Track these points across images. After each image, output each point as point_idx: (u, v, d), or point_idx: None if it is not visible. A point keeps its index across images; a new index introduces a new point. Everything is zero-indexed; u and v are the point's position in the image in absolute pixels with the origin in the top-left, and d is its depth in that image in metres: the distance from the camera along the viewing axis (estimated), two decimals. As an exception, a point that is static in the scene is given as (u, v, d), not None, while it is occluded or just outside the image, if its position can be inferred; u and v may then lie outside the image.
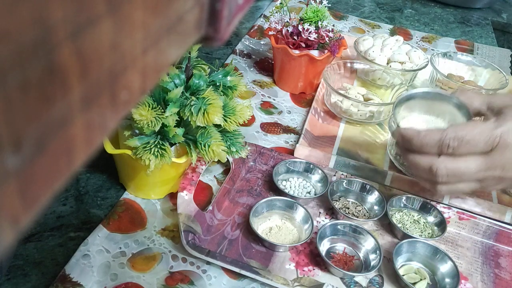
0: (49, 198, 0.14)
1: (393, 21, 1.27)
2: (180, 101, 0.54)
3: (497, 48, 1.19)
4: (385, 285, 0.58)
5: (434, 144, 0.54)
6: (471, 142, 0.53)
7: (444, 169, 0.54)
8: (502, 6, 1.45)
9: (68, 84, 0.13)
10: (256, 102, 0.87)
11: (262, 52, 1.02)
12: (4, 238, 0.12)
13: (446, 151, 0.54)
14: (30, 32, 0.11)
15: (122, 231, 0.59)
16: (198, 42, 0.21)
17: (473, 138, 0.53)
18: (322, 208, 0.67)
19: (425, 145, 0.55)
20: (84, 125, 0.14)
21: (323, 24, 0.83)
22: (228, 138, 0.60)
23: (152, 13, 0.16)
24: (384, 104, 0.82)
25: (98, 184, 0.66)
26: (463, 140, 0.53)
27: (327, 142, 0.79)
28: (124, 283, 0.53)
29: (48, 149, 0.13)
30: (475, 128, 0.54)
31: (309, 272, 0.58)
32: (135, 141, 0.54)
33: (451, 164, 0.54)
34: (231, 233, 0.61)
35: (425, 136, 0.55)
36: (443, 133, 0.54)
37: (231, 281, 0.56)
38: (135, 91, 0.17)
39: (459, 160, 0.54)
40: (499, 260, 0.64)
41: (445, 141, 0.54)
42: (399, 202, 0.67)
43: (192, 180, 0.63)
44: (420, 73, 0.97)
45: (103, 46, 0.14)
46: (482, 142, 0.53)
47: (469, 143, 0.53)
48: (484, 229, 0.66)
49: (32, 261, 0.54)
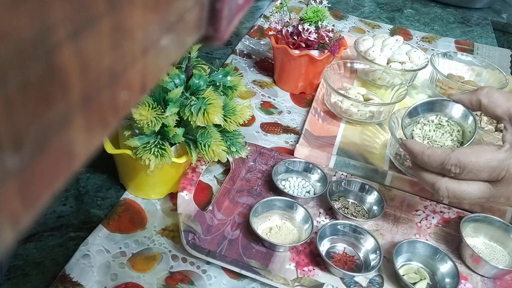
0: (49, 198, 0.14)
1: (393, 21, 1.27)
2: (180, 101, 0.54)
3: (497, 48, 1.19)
4: (385, 285, 0.58)
5: (437, 166, 0.53)
6: (474, 171, 0.51)
7: (446, 190, 0.53)
8: (502, 6, 1.45)
9: (68, 84, 0.13)
10: (256, 102, 0.87)
11: (262, 52, 1.02)
12: (4, 238, 0.12)
13: (448, 174, 0.53)
14: (30, 32, 0.11)
15: (122, 231, 0.59)
16: (198, 42, 0.21)
17: (476, 168, 0.51)
18: (322, 208, 0.67)
19: (428, 165, 0.54)
20: (84, 125, 0.14)
21: (323, 24, 0.83)
22: (228, 138, 0.60)
23: (152, 13, 0.16)
24: (384, 104, 0.82)
25: (98, 184, 0.66)
26: (466, 169, 0.51)
27: (327, 142, 0.79)
28: (124, 283, 0.53)
29: (48, 149, 0.13)
30: (480, 158, 0.51)
31: (309, 272, 0.58)
32: (135, 141, 0.54)
33: (453, 186, 0.53)
34: (231, 233, 0.61)
35: (429, 156, 0.53)
36: (446, 157, 0.52)
37: (231, 281, 0.56)
38: (135, 91, 0.17)
39: (462, 184, 0.53)
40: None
41: (446, 166, 0.52)
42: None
43: (192, 180, 0.63)
44: (420, 73, 0.97)
45: (103, 46, 0.14)
46: (486, 173, 0.51)
47: (472, 172, 0.51)
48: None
49: (32, 261, 0.54)
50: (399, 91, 0.84)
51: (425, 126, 0.64)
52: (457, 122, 0.63)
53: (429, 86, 0.97)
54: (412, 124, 0.64)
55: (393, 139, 0.72)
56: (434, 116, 0.64)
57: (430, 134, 0.63)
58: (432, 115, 0.64)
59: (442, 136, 0.63)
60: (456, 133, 0.62)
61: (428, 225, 0.67)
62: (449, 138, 0.63)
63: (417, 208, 0.68)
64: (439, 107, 0.64)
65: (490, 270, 0.60)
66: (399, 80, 0.86)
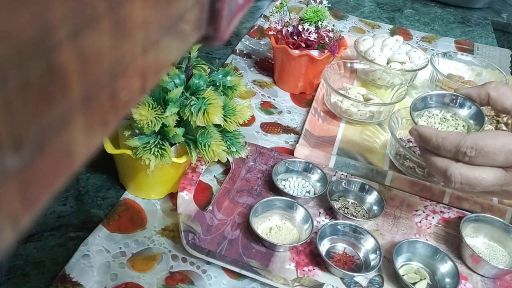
0: (49, 198, 0.14)
1: (393, 21, 1.27)
2: (180, 101, 0.54)
3: (497, 48, 1.19)
4: (385, 285, 0.58)
5: (451, 150, 0.51)
6: (490, 155, 0.50)
7: (459, 176, 0.51)
8: (502, 6, 1.45)
9: (68, 84, 0.13)
10: (256, 102, 0.87)
11: (262, 52, 1.02)
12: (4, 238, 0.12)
13: (462, 159, 0.51)
14: (30, 32, 0.11)
15: (122, 231, 0.59)
16: (198, 42, 0.21)
17: (492, 151, 0.50)
18: (322, 208, 0.67)
19: (442, 148, 0.52)
20: (84, 125, 0.14)
21: (323, 24, 0.83)
22: (228, 138, 0.60)
23: (152, 13, 0.16)
24: (384, 104, 0.82)
25: (98, 184, 0.66)
26: (481, 152, 0.50)
27: (327, 142, 0.79)
28: (124, 283, 0.53)
29: (48, 149, 0.13)
30: (497, 140, 0.50)
31: (309, 272, 0.58)
32: (135, 141, 0.54)
33: (467, 172, 0.51)
34: (231, 233, 0.61)
35: (444, 139, 0.52)
36: (461, 140, 0.51)
37: (231, 281, 0.56)
38: (135, 91, 0.17)
39: (476, 170, 0.51)
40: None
41: (462, 149, 0.50)
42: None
43: (192, 180, 0.63)
44: (420, 73, 0.97)
45: (103, 46, 0.14)
46: (503, 157, 0.50)
47: (487, 156, 0.50)
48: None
49: (32, 261, 0.54)
50: (399, 91, 0.84)
51: (430, 119, 0.64)
52: (461, 118, 0.63)
53: (429, 86, 0.97)
54: (417, 116, 0.64)
55: (393, 139, 0.73)
56: (438, 111, 0.64)
57: (436, 126, 0.63)
58: (436, 110, 0.64)
59: (447, 130, 0.63)
60: (462, 128, 0.62)
61: (428, 225, 0.67)
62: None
63: (417, 208, 0.68)
64: (445, 103, 0.64)
65: (490, 270, 0.60)
66: (399, 80, 0.86)
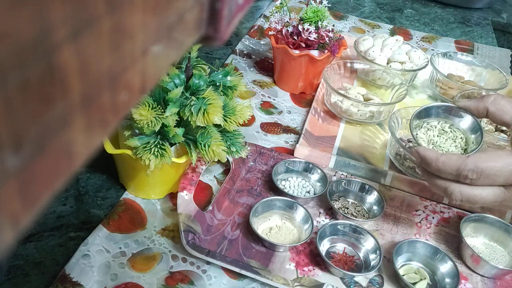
0: (49, 198, 0.14)
1: (393, 21, 1.27)
2: (180, 101, 0.54)
3: (497, 48, 1.19)
4: (385, 285, 0.58)
5: (452, 173, 0.52)
6: (491, 177, 0.51)
7: (459, 195, 0.53)
8: (502, 6, 1.45)
9: (68, 85, 0.13)
10: (256, 102, 0.87)
11: (262, 52, 1.02)
12: (4, 238, 0.12)
13: (464, 181, 0.52)
14: (30, 32, 0.11)
15: (122, 231, 0.59)
16: (198, 42, 0.21)
17: (493, 173, 0.51)
18: (322, 208, 0.67)
19: (442, 172, 0.53)
20: (84, 125, 0.14)
21: (323, 24, 0.83)
22: (228, 138, 0.60)
23: (152, 13, 0.16)
24: (384, 104, 0.82)
25: (98, 184, 0.66)
26: (483, 174, 0.51)
27: (327, 142, 0.79)
28: (124, 283, 0.53)
29: (48, 149, 0.13)
30: (497, 162, 0.51)
31: (309, 272, 0.58)
32: (135, 141, 0.54)
33: (467, 191, 0.52)
34: (231, 233, 0.61)
35: (443, 163, 0.53)
36: (462, 163, 0.51)
37: (231, 281, 0.56)
38: (135, 91, 0.17)
39: (476, 189, 0.52)
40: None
41: (463, 172, 0.51)
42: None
43: (192, 180, 0.63)
44: (420, 73, 0.97)
45: (103, 47, 0.14)
46: (503, 177, 0.51)
47: (488, 177, 0.51)
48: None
49: (32, 261, 0.54)
50: (399, 91, 0.84)
51: (429, 131, 0.64)
52: (459, 130, 0.63)
53: (429, 86, 0.97)
54: (416, 128, 0.65)
55: (393, 139, 0.72)
56: (436, 121, 0.64)
57: (435, 139, 0.63)
58: (434, 121, 0.65)
59: (446, 142, 0.63)
60: (460, 140, 0.63)
61: (428, 225, 0.67)
62: (452, 145, 0.63)
63: (417, 208, 0.68)
64: (444, 114, 0.64)
65: (490, 270, 0.60)
66: (399, 80, 0.86)
